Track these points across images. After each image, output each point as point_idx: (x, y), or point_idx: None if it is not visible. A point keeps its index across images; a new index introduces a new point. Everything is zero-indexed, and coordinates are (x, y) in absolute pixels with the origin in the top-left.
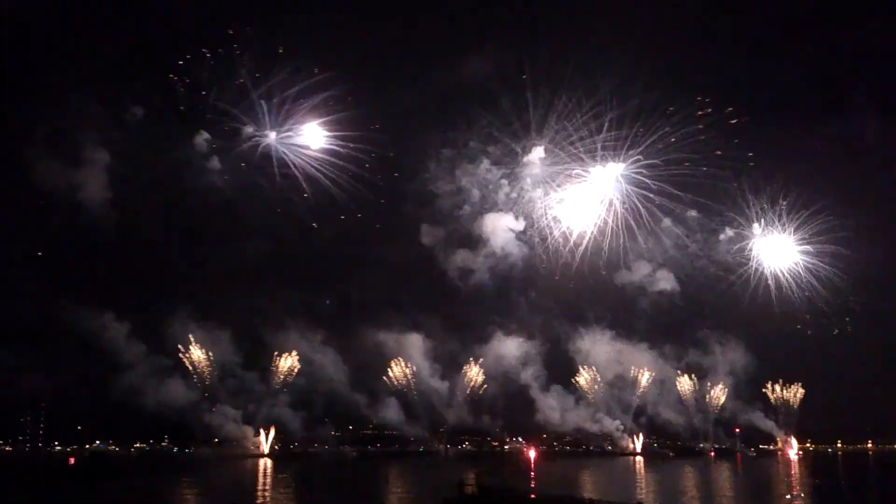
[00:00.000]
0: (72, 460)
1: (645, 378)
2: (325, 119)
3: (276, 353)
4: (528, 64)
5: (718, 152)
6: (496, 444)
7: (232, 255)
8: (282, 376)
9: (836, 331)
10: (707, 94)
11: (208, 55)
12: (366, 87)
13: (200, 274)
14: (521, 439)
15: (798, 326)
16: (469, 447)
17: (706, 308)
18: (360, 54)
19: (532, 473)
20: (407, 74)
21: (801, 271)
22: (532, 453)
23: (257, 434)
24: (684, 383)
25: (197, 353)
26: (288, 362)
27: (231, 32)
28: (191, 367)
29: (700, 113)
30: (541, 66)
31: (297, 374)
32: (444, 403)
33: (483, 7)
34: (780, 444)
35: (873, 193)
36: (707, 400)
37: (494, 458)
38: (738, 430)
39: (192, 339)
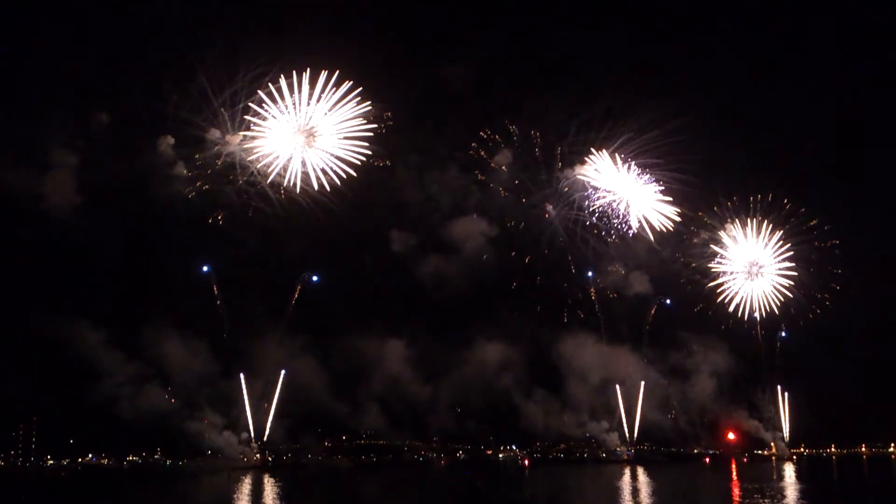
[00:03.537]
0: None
1: (630, 381)
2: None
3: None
4: (496, 67)
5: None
6: (489, 452)
7: (202, 262)
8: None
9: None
10: (677, 95)
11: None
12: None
13: (173, 281)
14: (514, 447)
15: (780, 333)
16: (463, 456)
17: (684, 310)
18: (325, 60)
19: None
20: (374, 80)
21: (776, 274)
22: (526, 462)
23: (241, 443)
24: (671, 387)
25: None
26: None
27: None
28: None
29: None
30: (510, 70)
31: (278, 382)
32: (427, 410)
33: (452, 11)
34: (773, 450)
35: (855, 193)
36: (695, 404)
37: (489, 466)
38: (731, 435)
39: (169, 347)
